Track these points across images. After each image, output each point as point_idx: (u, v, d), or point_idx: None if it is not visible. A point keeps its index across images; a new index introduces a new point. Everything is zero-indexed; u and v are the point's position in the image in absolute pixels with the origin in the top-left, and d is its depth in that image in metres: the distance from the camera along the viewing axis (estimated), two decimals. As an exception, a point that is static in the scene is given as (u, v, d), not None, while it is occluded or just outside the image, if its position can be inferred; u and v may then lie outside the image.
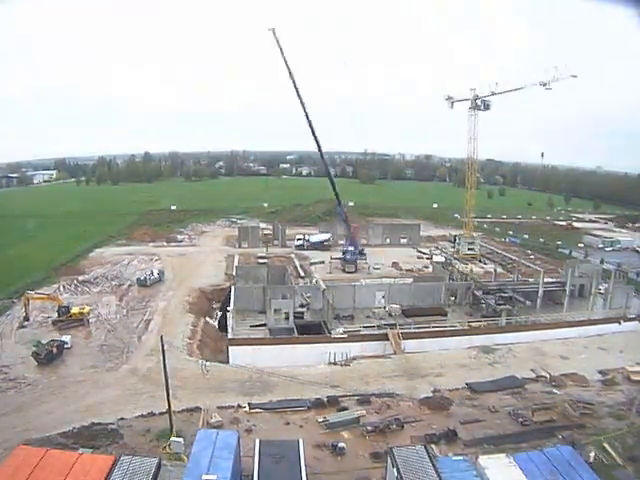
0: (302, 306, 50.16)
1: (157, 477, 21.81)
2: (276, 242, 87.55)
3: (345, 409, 32.95)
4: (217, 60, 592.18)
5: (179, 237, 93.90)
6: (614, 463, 27.56)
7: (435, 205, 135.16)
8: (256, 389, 35.76)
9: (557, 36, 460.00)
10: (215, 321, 54.47)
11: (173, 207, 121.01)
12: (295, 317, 46.81)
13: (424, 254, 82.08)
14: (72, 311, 48.04)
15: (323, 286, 52.15)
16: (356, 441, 29.42)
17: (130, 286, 60.70)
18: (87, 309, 49.31)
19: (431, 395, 35.65)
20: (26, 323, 47.68)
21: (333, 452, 28.01)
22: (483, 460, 23.57)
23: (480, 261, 79.14)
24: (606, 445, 29.01)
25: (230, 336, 43.93)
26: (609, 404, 34.82)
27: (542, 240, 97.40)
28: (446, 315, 50.94)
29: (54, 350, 39.78)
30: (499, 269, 69.24)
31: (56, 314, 48.25)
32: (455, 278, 59.89)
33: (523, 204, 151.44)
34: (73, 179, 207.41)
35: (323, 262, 74.96)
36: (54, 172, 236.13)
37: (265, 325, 46.38)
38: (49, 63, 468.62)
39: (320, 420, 31.26)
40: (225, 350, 43.24)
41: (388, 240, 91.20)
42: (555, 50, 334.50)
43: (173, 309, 53.38)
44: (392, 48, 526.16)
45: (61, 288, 59.52)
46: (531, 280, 58.71)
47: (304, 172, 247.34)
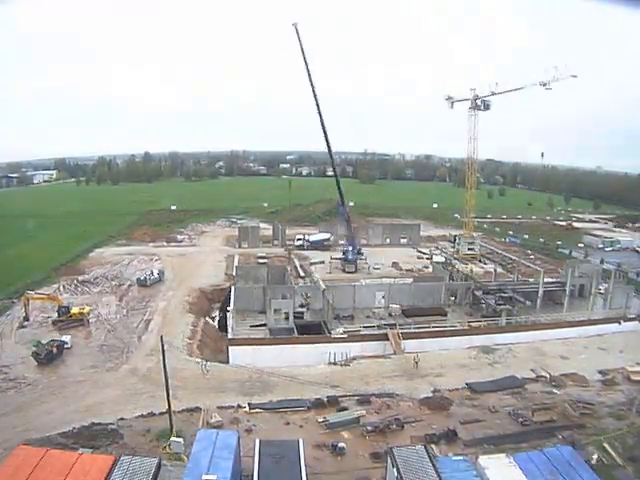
0: (302, 306, 50.14)
1: (157, 477, 21.80)
2: (276, 242, 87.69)
3: (345, 409, 32.97)
4: (217, 60, 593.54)
5: (179, 237, 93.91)
6: (614, 463, 27.56)
7: (435, 205, 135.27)
8: (256, 389, 35.78)
9: (557, 36, 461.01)
10: (215, 321, 54.46)
11: (173, 207, 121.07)
12: (295, 317, 46.80)
13: (424, 254, 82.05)
14: (72, 311, 48.06)
15: (323, 286, 52.14)
16: (356, 441, 29.42)
17: (130, 286, 60.71)
18: (87, 309, 49.33)
19: (431, 395, 35.68)
20: (26, 323, 47.69)
21: (333, 452, 28.02)
22: (483, 460, 23.57)
23: (480, 261, 79.13)
24: (606, 445, 29.02)
25: (230, 336, 43.95)
26: (609, 404, 34.84)
27: (542, 240, 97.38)
28: (446, 315, 50.93)
29: (54, 350, 39.78)
30: (499, 269, 69.27)
31: (56, 314, 48.27)
32: (455, 278, 59.90)
33: (523, 204, 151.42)
34: (73, 179, 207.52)
35: (323, 262, 74.98)
36: (54, 172, 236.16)
37: (265, 325, 46.37)
38: (49, 63, 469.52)
39: (320, 420, 31.28)
40: (225, 350, 43.24)
41: (388, 240, 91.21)
42: (555, 50, 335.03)
43: (173, 309, 53.37)
44: (392, 48, 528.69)
45: (61, 288, 59.52)
46: (531, 280, 58.74)
47: (304, 172, 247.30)
